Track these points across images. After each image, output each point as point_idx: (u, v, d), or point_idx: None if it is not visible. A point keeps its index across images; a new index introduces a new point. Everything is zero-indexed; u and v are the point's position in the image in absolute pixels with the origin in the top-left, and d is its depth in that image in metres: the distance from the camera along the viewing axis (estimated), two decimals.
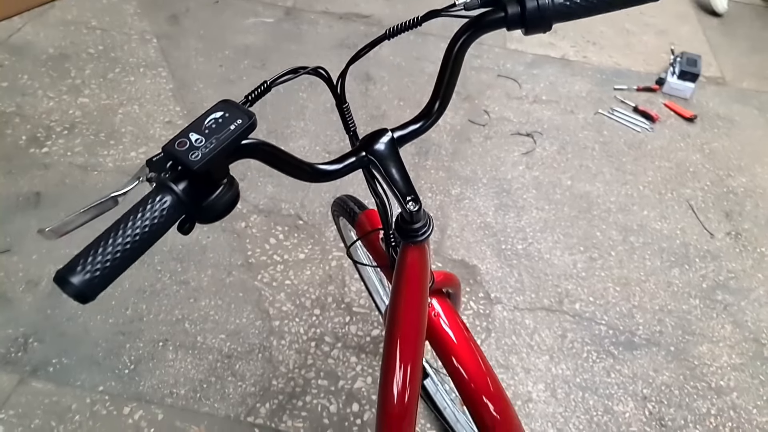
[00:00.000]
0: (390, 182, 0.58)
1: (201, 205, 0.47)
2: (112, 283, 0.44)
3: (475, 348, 0.84)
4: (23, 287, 1.43)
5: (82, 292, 0.42)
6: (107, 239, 0.44)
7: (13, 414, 1.21)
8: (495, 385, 0.83)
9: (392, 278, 0.70)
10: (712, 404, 1.34)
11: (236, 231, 1.62)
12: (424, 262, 0.66)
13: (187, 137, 0.45)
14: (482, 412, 0.83)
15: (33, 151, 1.77)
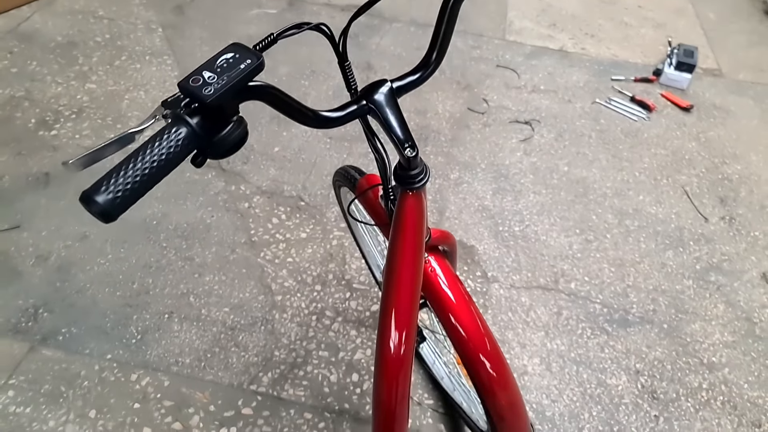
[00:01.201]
0: (389, 129, 0.61)
1: (213, 139, 0.51)
2: (132, 205, 0.48)
3: (472, 306, 0.87)
4: (33, 261, 1.47)
5: (105, 211, 0.45)
6: (128, 165, 0.47)
7: (23, 380, 1.24)
8: (492, 343, 0.86)
9: (390, 231, 0.73)
10: (703, 379, 1.37)
11: (239, 211, 1.66)
12: (421, 210, 0.69)
13: (201, 75, 0.49)
14: (479, 369, 0.86)
15: (42, 134, 1.81)
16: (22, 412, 1.20)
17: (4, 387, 1.23)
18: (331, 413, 1.25)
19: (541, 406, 1.30)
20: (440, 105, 2.11)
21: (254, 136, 1.89)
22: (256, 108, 2.13)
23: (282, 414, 1.23)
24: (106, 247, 1.53)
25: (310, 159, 1.84)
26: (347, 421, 1.24)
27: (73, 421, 1.19)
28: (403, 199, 0.68)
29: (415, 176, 0.65)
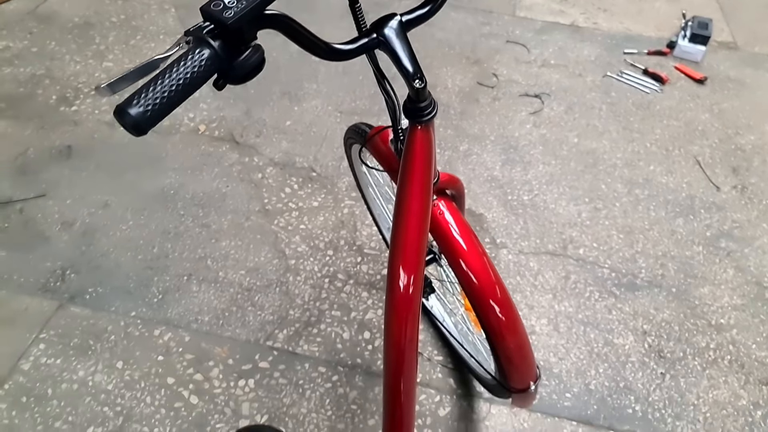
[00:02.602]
0: (398, 62, 0.64)
1: (233, 62, 0.55)
2: (161, 120, 0.52)
3: (481, 250, 0.89)
4: (59, 227, 1.54)
5: (137, 123, 0.49)
6: (157, 82, 0.51)
7: (54, 334, 1.31)
8: (501, 288, 0.89)
9: (399, 171, 0.76)
10: (711, 339, 1.39)
11: (253, 181, 1.71)
12: (430, 145, 0.72)
13: (221, 0, 0.53)
14: (488, 313, 0.89)
15: (63, 110, 1.87)
16: (53, 363, 1.26)
17: (36, 341, 1.30)
18: (344, 367, 1.30)
19: (549, 364, 1.33)
20: (450, 80, 2.13)
21: (266, 111, 1.94)
22: (268, 84, 2.18)
23: (297, 368, 1.28)
24: (126, 214, 1.59)
25: (320, 132, 1.88)
26: (359, 374, 1.29)
27: (101, 371, 1.26)
28: (413, 134, 0.71)
29: (423, 108, 0.67)
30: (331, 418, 1.22)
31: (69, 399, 1.22)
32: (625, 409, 1.26)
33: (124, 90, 0.60)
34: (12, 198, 1.60)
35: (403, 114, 0.70)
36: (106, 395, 1.23)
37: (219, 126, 1.87)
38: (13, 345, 1.29)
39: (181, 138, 1.82)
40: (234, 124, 1.88)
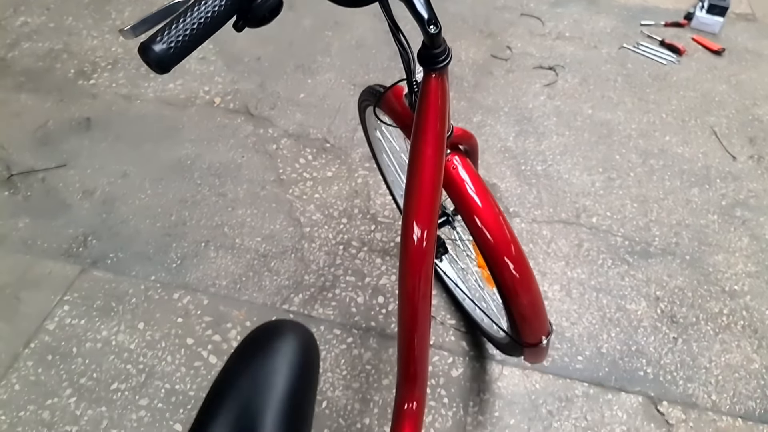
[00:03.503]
0: (413, 8, 0.65)
1: (251, 4, 0.56)
2: (183, 58, 0.54)
3: (495, 207, 0.90)
4: (80, 196, 1.57)
5: (161, 59, 0.51)
6: (179, 21, 0.53)
7: (77, 296, 1.35)
8: (515, 245, 0.89)
9: (413, 124, 0.77)
10: (724, 305, 1.39)
11: (268, 152, 1.73)
12: (444, 94, 0.73)
13: None
14: (503, 270, 0.90)
15: (81, 83, 1.90)
16: (77, 324, 1.31)
17: (60, 302, 1.34)
18: (359, 330, 1.32)
19: (561, 328, 1.34)
20: (463, 53, 2.12)
21: (280, 84, 1.95)
22: (281, 57, 2.19)
23: (312, 329, 1.31)
24: (145, 184, 1.62)
25: (334, 105, 1.89)
26: (373, 337, 1.31)
27: (123, 331, 1.30)
28: (427, 82, 0.72)
29: (438, 55, 0.68)
30: (347, 377, 1.25)
31: (93, 357, 1.26)
32: (636, 372, 1.27)
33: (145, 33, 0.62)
34: (34, 168, 1.64)
35: (418, 62, 0.71)
36: (128, 354, 1.27)
37: (234, 99, 1.89)
38: (38, 306, 1.34)
39: (197, 110, 1.84)
40: (249, 97, 1.89)
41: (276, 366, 0.49)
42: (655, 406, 1.21)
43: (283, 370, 0.49)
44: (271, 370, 0.48)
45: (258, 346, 0.51)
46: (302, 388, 0.50)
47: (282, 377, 0.48)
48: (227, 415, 0.45)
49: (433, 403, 1.22)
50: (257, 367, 0.49)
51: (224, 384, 0.49)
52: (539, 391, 1.24)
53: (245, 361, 0.50)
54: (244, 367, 0.49)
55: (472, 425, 1.19)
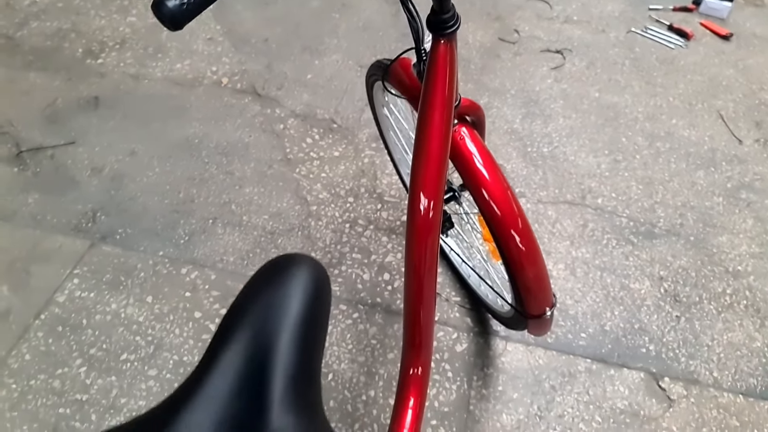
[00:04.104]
0: None
1: None
2: (196, 15, 0.54)
3: (502, 178, 0.90)
4: (89, 173, 1.59)
5: (174, 16, 0.51)
6: None
7: (87, 270, 1.37)
8: (522, 218, 0.90)
9: (421, 91, 0.78)
10: (727, 285, 1.40)
11: (275, 132, 1.73)
12: (453, 60, 0.73)
13: None
14: (509, 243, 0.91)
15: (89, 62, 1.91)
16: (87, 296, 1.33)
17: (70, 276, 1.36)
18: (365, 305, 1.34)
19: (565, 306, 1.35)
20: (470, 36, 2.11)
21: (287, 65, 1.95)
22: (289, 39, 2.18)
23: None
24: (153, 162, 1.63)
25: (341, 86, 1.89)
26: (379, 312, 1.33)
27: (132, 304, 1.32)
28: (436, 49, 0.72)
29: (447, 20, 0.69)
30: (352, 351, 1.27)
31: (103, 329, 1.28)
32: (639, 349, 1.28)
33: None
34: (43, 145, 1.65)
35: (427, 28, 0.71)
36: (137, 326, 1.29)
37: (241, 79, 1.89)
38: (49, 279, 1.36)
39: (205, 90, 1.85)
40: (256, 77, 1.90)
41: (290, 291, 0.50)
42: (657, 382, 1.23)
43: (297, 295, 0.50)
44: (285, 294, 0.50)
45: (272, 274, 0.53)
46: (315, 313, 0.51)
47: (296, 301, 0.50)
48: (243, 334, 0.47)
49: (438, 376, 1.24)
50: (271, 293, 0.50)
51: (239, 307, 0.50)
52: (542, 366, 1.25)
53: (259, 288, 0.52)
54: (259, 293, 0.51)
55: (476, 398, 1.20)
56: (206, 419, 0.42)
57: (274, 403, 0.43)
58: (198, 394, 0.43)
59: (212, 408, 0.42)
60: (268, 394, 0.44)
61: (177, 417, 0.41)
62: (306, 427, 0.43)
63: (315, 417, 0.46)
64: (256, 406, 0.43)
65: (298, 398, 0.44)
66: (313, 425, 0.44)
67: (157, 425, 0.41)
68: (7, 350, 1.24)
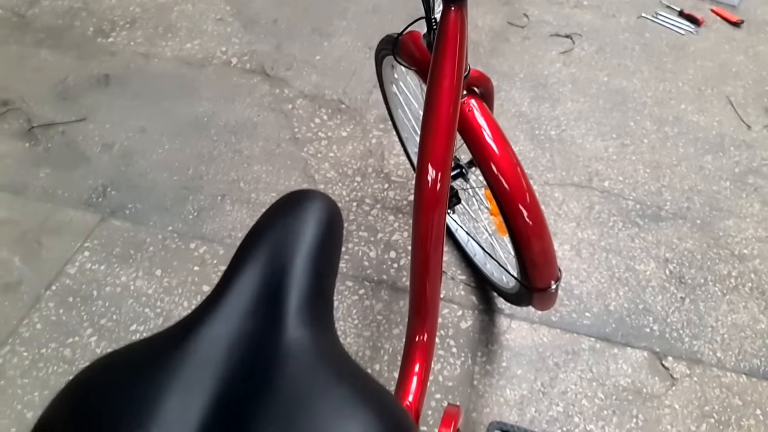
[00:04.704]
0: None
1: None
2: None
3: (511, 152, 0.91)
4: (99, 149, 1.60)
5: None
6: None
7: (97, 243, 1.39)
8: (530, 192, 0.90)
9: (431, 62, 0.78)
10: (733, 267, 1.40)
11: (284, 111, 1.74)
12: (463, 29, 0.74)
13: None
14: (516, 217, 0.91)
15: (100, 41, 1.92)
16: (97, 269, 1.35)
17: (81, 248, 1.38)
18: (371, 282, 1.35)
19: (570, 285, 1.36)
20: (480, 19, 2.11)
21: (296, 46, 1.96)
22: (299, 20, 2.18)
23: None
24: (162, 139, 1.64)
25: (350, 67, 1.89)
26: (385, 289, 1.34)
27: (141, 277, 1.34)
28: (446, 16, 0.72)
29: None
30: (358, 326, 1.28)
31: (113, 300, 1.30)
32: (643, 329, 1.29)
33: None
34: (54, 121, 1.67)
35: None
36: (146, 298, 1.31)
37: (250, 59, 1.90)
38: (60, 252, 1.38)
39: (214, 70, 1.86)
40: (265, 58, 1.90)
41: (305, 219, 0.52)
42: (660, 361, 1.24)
43: (311, 223, 0.51)
44: (300, 222, 0.51)
45: (287, 206, 0.54)
46: (329, 242, 0.53)
47: (310, 228, 0.51)
48: (259, 257, 0.48)
49: (442, 352, 1.25)
50: (287, 221, 0.51)
51: (255, 233, 0.52)
52: (546, 344, 1.26)
53: (275, 217, 0.53)
54: (275, 221, 0.52)
55: (480, 374, 1.22)
56: (223, 334, 0.43)
57: (289, 318, 0.45)
58: (215, 312, 0.45)
59: (229, 324, 0.44)
60: (282, 310, 0.45)
61: (194, 332, 0.43)
62: (319, 339, 0.44)
63: (327, 332, 0.48)
64: (271, 321, 0.44)
65: (311, 315, 0.46)
66: (325, 338, 0.46)
67: (175, 340, 0.43)
68: (18, 319, 1.26)
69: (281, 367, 0.41)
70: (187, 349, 0.42)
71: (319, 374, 0.41)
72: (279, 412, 0.37)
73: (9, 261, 1.36)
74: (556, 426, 1.14)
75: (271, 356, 0.42)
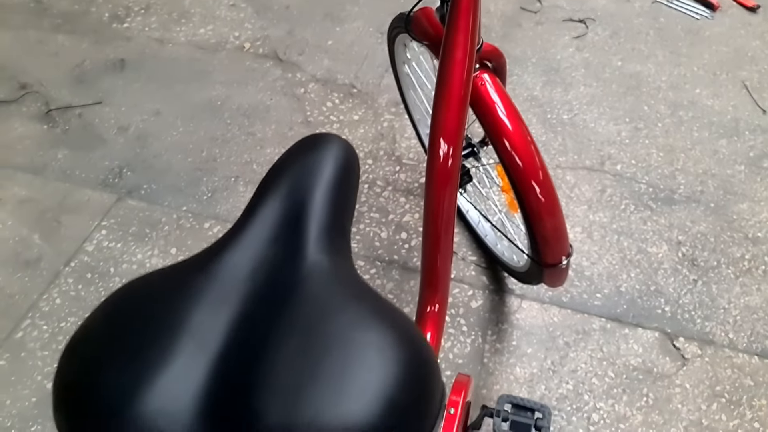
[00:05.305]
0: None
1: None
2: None
3: (524, 128, 0.91)
4: (115, 131, 1.63)
5: None
6: None
7: (113, 222, 1.42)
8: (543, 169, 0.91)
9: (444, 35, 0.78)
10: (746, 251, 1.39)
11: (296, 95, 1.75)
12: (476, 2, 0.74)
13: None
14: (529, 193, 0.92)
15: (115, 26, 1.95)
16: (114, 247, 1.37)
17: (98, 227, 1.41)
18: (382, 262, 1.36)
19: (581, 267, 1.36)
20: (492, 4, 2.10)
21: (309, 31, 1.96)
22: (310, 6, 2.19)
23: None
24: (176, 122, 1.66)
25: (361, 52, 1.90)
26: (396, 269, 1.35)
27: (157, 255, 1.36)
28: None
29: None
30: None
31: (129, 277, 1.32)
32: (654, 310, 1.29)
33: None
34: (71, 104, 1.70)
35: None
36: None
37: (263, 44, 1.91)
38: (78, 230, 1.41)
39: (227, 55, 1.87)
40: (277, 43, 1.92)
41: (324, 157, 0.53)
42: (672, 342, 1.24)
43: (329, 161, 0.53)
44: (319, 159, 0.53)
45: (307, 146, 0.56)
46: (346, 180, 0.54)
47: (329, 166, 0.53)
48: (280, 191, 0.50)
49: (453, 330, 1.26)
50: (306, 159, 0.53)
51: (277, 168, 0.54)
52: (557, 324, 1.27)
53: (296, 155, 0.55)
54: (295, 159, 0.54)
55: (490, 352, 1.23)
56: (246, 260, 0.45)
57: (309, 245, 0.46)
58: (238, 240, 0.47)
59: (252, 250, 0.46)
60: (303, 238, 0.47)
61: (218, 258, 0.45)
62: (338, 264, 0.46)
63: (346, 261, 0.49)
64: (291, 248, 0.46)
65: (330, 244, 0.48)
66: (344, 264, 0.47)
67: (200, 265, 0.45)
68: (38, 294, 1.29)
69: (301, 286, 0.43)
70: (213, 271, 0.44)
71: (338, 292, 0.42)
72: (299, 325, 0.39)
73: (29, 238, 1.39)
74: (565, 403, 1.15)
75: (292, 277, 0.44)
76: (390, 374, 0.37)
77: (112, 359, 0.39)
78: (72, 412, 0.38)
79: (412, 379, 0.38)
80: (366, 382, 0.36)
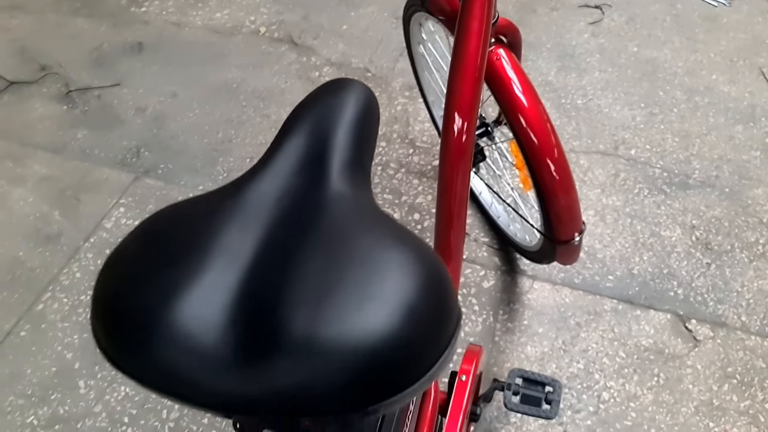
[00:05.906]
0: None
1: None
2: None
3: (540, 105, 0.91)
4: (133, 112, 1.66)
5: None
6: None
7: (131, 200, 1.45)
8: (558, 146, 0.91)
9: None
10: (761, 235, 1.38)
11: (311, 79, 1.77)
12: None
13: None
14: (543, 171, 0.92)
15: (133, 10, 1.97)
16: (132, 224, 1.40)
17: (117, 204, 1.44)
18: None
19: (593, 249, 1.37)
20: None
21: (324, 16, 1.97)
22: None
23: None
24: (193, 104, 1.69)
25: (376, 37, 1.91)
26: None
27: None
28: None
29: None
30: None
31: None
32: (666, 292, 1.29)
33: None
34: (90, 85, 1.73)
35: None
36: None
37: (278, 28, 1.93)
38: (97, 207, 1.44)
39: (243, 38, 1.89)
40: (292, 27, 1.93)
41: (346, 99, 0.55)
42: (684, 324, 1.24)
43: (351, 101, 0.55)
44: (341, 100, 0.55)
45: (329, 89, 0.58)
46: (367, 121, 0.56)
47: (351, 106, 0.54)
48: (303, 127, 0.52)
49: (465, 309, 1.27)
50: (328, 100, 0.55)
51: (302, 106, 0.56)
52: (568, 304, 1.27)
53: (317, 97, 0.57)
54: (318, 99, 0.56)
55: (501, 331, 1.24)
56: (272, 189, 0.47)
57: (332, 176, 0.48)
58: (264, 171, 0.49)
59: (278, 180, 0.48)
60: (326, 170, 0.49)
61: (246, 187, 0.47)
62: (360, 195, 0.48)
63: (367, 192, 0.51)
64: (315, 179, 0.48)
65: (352, 176, 0.50)
66: (365, 196, 0.49)
67: (228, 193, 0.47)
68: (59, 268, 1.33)
69: (325, 211, 0.45)
70: (241, 198, 0.46)
71: (360, 218, 0.45)
72: (323, 245, 0.41)
73: (49, 215, 1.42)
74: (576, 382, 1.16)
75: (316, 204, 0.46)
76: (410, 286, 0.39)
77: (147, 271, 0.42)
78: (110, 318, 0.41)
79: (432, 292, 0.41)
80: (388, 292, 0.39)
